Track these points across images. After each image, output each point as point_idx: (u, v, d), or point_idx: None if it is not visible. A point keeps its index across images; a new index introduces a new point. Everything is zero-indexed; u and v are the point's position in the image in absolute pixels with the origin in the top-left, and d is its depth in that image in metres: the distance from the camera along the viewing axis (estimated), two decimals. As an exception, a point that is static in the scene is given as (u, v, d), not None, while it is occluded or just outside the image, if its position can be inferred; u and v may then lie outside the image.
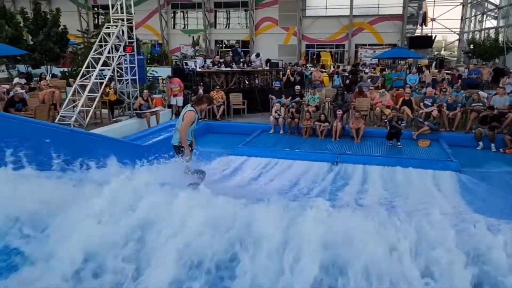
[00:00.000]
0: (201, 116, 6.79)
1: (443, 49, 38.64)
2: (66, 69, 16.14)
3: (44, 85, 11.69)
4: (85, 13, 35.83)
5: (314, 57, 32.49)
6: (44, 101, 10.83)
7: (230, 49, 16.51)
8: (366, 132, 11.90)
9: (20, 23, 16.91)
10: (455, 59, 31.00)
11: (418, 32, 31.14)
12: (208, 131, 13.00)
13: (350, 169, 9.18)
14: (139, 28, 36.09)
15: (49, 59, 17.08)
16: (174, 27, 36.30)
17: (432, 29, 31.68)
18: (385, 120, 11.41)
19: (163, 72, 18.20)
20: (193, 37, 30.79)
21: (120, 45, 11.62)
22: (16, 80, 14.65)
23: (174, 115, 13.26)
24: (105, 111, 12.00)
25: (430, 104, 12.25)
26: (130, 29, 12.04)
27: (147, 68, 17.03)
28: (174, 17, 36.35)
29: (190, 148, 6.09)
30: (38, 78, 13.89)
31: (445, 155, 9.90)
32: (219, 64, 14.72)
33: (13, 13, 17.59)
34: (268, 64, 15.58)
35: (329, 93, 14.80)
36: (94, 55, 11.14)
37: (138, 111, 11.61)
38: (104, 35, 11.40)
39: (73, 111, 10.12)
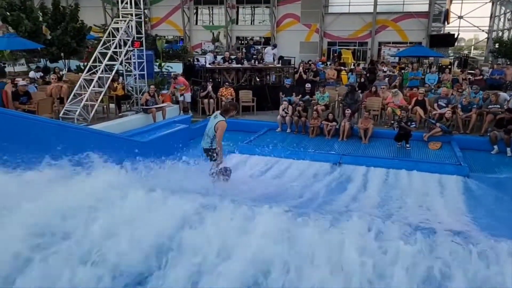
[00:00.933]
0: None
1: (472, 48, 37.31)
2: (83, 64, 16.36)
3: (53, 79, 11.82)
4: (110, 8, 36.31)
5: (336, 54, 31.90)
6: (52, 95, 10.95)
7: (244, 46, 16.27)
8: (376, 133, 11.55)
9: (39, 17, 17.26)
10: (483, 58, 29.79)
11: (445, 30, 30.08)
12: (216, 128, 12.92)
13: (352, 171, 8.91)
14: (162, 23, 36.56)
15: (66, 53, 17.37)
16: (196, 23, 36.32)
17: (459, 27, 30.53)
18: (392, 121, 11.02)
19: (179, 68, 18.18)
20: (213, 33, 30.74)
21: (128, 40, 11.61)
22: (31, 74, 14.94)
23: (181, 111, 13.23)
24: (112, 106, 12.05)
25: (444, 105, 11.75)
26: (139, 24, 12.00)
27: (162, 64, 17.06)
28: (196, 13, 36.39)
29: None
30: (52, 72, 14.09)
31: (454, 159, 9.47)
32: (229, 61, 14.58)
33: (33, 7, 17.96)
34: (280, 61, 15.33)
35: (342, 91, 14.42)
36: (101, 49, 11.18)
37: (144, 107, 11.61)
38: (113, 30, 11.42)
39: (78, 106, 10.17)
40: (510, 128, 10.13)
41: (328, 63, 26.32)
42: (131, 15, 11.72)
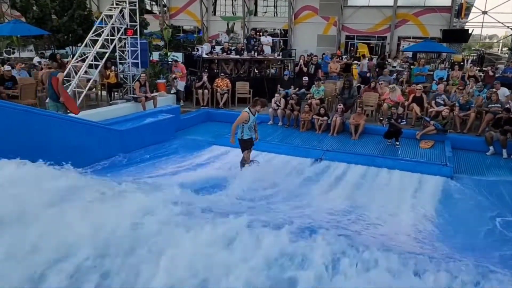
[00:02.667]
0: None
1: (500, 44, 35.83)
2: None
3: (45, 65, 11.98)
4: None
5: (353, 48, 31.23)
6: (42, 81, 11.08)
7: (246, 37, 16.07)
8: (369, 129, 11.22)
9: (47, 4, 17.51)
10: (506, 55, 28.52)
11: (467, 26, 28.94)
12: (208, 119, 12.85)
13: (331, 167, 8.63)
14: (180, 13, 36.64)
15: (73, 40, 17.59)
16: (214, 14, 36.27)
17: (483, 22, 29.33)
18: (381, 118, 10.64)
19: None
20: (227, 24, 30.56)
21: (121, 27, 11.60)
22: (36, 59, 15.20)
23: (178, 101, 13.23)
24: (104, 93, 12.11)
25: (442, 102, 11.26)
26: (134, 12, 11.96)
27: (168, 53, 17.06)
28: (215, 3, 36.30)
29: (251, 141, 7.72)
30: (48, 58, 14.30)
31: (441, 159, 9.05)
32: (228, 52, 14.40)
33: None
34: (281, 53, 15.04)
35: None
36: (92, 36, 11.21)
37: (134, 95, 11.60)
38: (105, 17, 11.43)
39: (65, 92, 10.22)
40: (507, 129, 9.62)
41: (344, 56, 25.81)
42: (125, 2, 11.67)
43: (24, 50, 17.48)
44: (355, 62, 20.89)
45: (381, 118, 10.86)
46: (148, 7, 38.51)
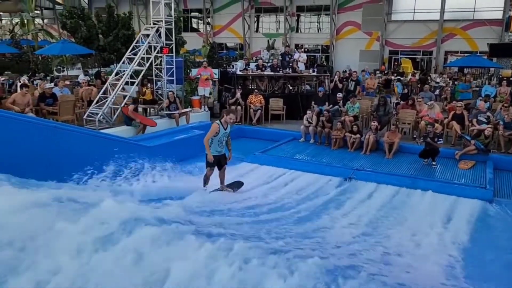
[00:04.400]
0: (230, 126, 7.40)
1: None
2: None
3: (83, 82, 12.53)
4: (144, 17, 37.74)
5: (397, 63, 30.43)
6: (82, 98, 11.59)
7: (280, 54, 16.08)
8: (404, 148, 10.75)
9: (94, 25, 18.45)
10: None
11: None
12: (241, 136, 12.82)
13: (359, 187, 8.30)
14: (224, 31, 37.42)
15: (116, 58, 18.37)
16: (257, 31, 36.76)
17: (539, 35, 27.71)
18: (414, 136, 10.17)
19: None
20: (268, 40, 30.81)
21: (157, 46, 11.95)
22: (80, 77, 15.95)
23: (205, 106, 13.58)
24: (140, 110, 12.44)
25: (484, 120, 10.63)
26: (170, 31, 12.30)
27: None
28: (257, 21, 36.82)
29: (218, 158, 7.32)
30: (94, 76, 14.97)
31: (479, 180, 8.47)
32: (263, 68, 14.43)
33: (89, 15, 19.26)
34: (315, 69, 14.89)
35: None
36: (129, 55, 11.62)
37: (167, 112, 11.86)
38: (142, 36, 11.84)
39: (101, 109, 10.63)
40: (556, 150, 8.89)
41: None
42: (161, 21, 12.04)
43: (73, 68, 18.40)
44: (398, 77, 20.31)
45: (414, 136, 10.38)
46: (194, 25, 39.84)
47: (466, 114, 11.10)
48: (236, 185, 8.00)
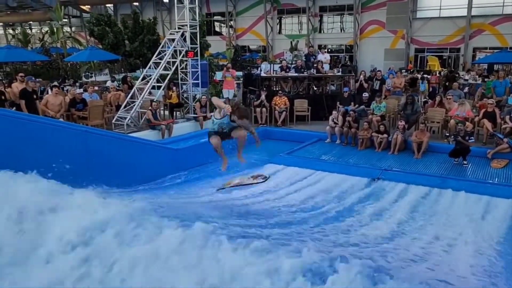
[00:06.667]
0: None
1: None
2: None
3: (111, 87, 12.80)
4: (168, 22, 38.13)
5: (425, 62, 29.81)
6: (110, 103, 11.85)
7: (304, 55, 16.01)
8: (434, 147, 10.52)
9: (121, 31, 18.84)
10: None
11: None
12: (266, 137, 12.80)
13: (388, 188, 8.19)
14: (246, 34, 37.56)
15: (142, 63, 18.70)
16: (280, 32, 36.75)
17: None
18: (447, 135, 9.93)
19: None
20: (291, 42, 30.74)
21: (182, 50, 12.09)
22: (108, 83, 16.31)
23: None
24: (167, 113, 12.63)
25: (518, 118, 10.29)
26: (195, 35, 12.43)
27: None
28: (280, 22, 36.80)
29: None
30: (121, 81, 15.27)
31: (514, 180, 8.21)
32: (287, 70, 14.40)
33: (115, 21, 19.68)
34: (340, 70, 14.75)
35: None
36: (155, 59, 11.80)
37: (194, 115, 11.98)
38: (167, 41, 12.00)
39: (129, 113, 10.84)
40: None
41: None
42: (187, 26, 12.18)
43: (101, 74, 18.83)
44: (425, 75, 19.88)
45: (447, 134, 10.14)
46: (217, 29, 40.17)
47: (498, 111, 10.78)
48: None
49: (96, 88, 13.40)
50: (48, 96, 10.19)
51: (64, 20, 29.74)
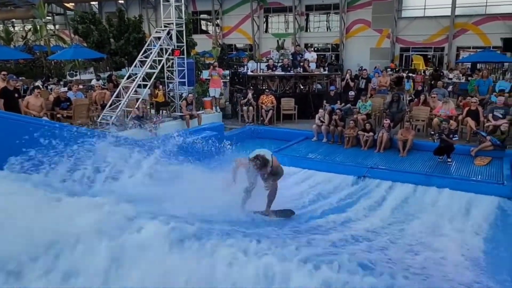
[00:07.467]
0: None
1: None
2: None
3: (97, 86, 12.67)
4: (154, 20, 37.88)
5: (410, 61, 30.15)
6: (96, 102, 11.72)
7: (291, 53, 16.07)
8: (419, 145, 10.64)
9: (106, 29, 18.64)
10: None
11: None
12: (254, 136, 12.83)
13: (373, 186, 8.25)
14: (233, 32, 37.47)
15: (128, 61, 18.54)
16: (266, 31, 36.76)
17: (553, 29, 27.25)
18: (432, 133, 10.07)
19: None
20: (277, 41, 30.80)
21: (169, 48, 12.01)
22: (93, 81, 16.13)
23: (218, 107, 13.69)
24: (153, 111, 12.53)
25: (501, 116, 10.47)
26: (181, 33, 12.36)
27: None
28: (266, 21, 36.81)
29: None
30: (106, 80, 15.11)
31: (496, 177, 8.35)
32: (273, 68, 14.42)
33: (100, 19, 19.46)
34: (327, 68, 14.83)
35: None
36: (141, 58, 11.70)
37: (180, 113, 11.92)
38: (153, 39, 11.91)
39: (114, 112, 10.73)
40: None
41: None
42: (173, 24, 12.10)
43: (85, 72, 18.62)
44: (410, 74, 20.11)
45: (432, 133, 10.28)
46: (204, 27, 40.00)
47: (481, 110, 10.96)
48: (284, 214, 6.76)
49: (81, 86, 13.24)
50: (29, 98, 9.96)
51: (47, 17, 29.40)
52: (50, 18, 36.27)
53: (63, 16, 41.73)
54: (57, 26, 41.23)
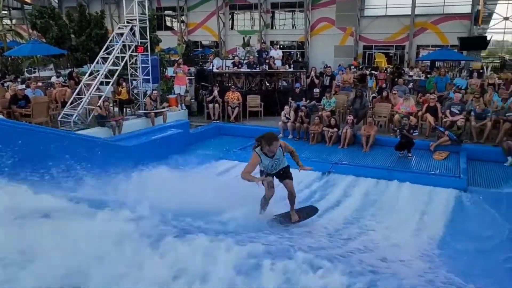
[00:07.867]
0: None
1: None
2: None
3: (57, 83, 12.28)
4: (117, 16, 37.18)
5: (372, 59, 30.90)
6: (56, 99, 11.35)
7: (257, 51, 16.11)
8: (381, 141, 10.94)
9: (66, 24, 18.05)
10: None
11: (488, 32, 28.29)
12: (220, 133, 12.81)
13: (338, 181, 8.41)
14: (198, 29, 37.14)
15: (90, 58, 18.03)
16: (232, 28, 36.67)
17: (505, 29, 28.59)
18: (394, 128, 10.38)
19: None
20: (243, 38, 30.77)
21: (132, 45, 11.79)
22: (53, 78, 15.60)
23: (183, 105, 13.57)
24: (116, 109, 12.28)
25: (457, 112, 10.91)
26: (144, 29, 12.15)
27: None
28: (232, 18, 36.72)
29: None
30: (67, 77, 14.67)
31: (453, 170, 8.72)
32: (239, 65, 14.43)
33: (60, 14, 18.83)
34: (292, 65, 14.97)
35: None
36: (103, 54, 11.43)
37: (145, 111, 11.73)
38: (116, 35, 11.65)
39: (76, 110, 10.43)
40: (525, 138, 9.22)
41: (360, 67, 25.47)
42: (136, 20, 11.88)
43: (45, 69, 17.99)
44: (373, 72, 20.62)
45: (395, 129, 10.60)
46: (169, 24, 39.41)
47: (439, 106, 11.38)
48: (307, 212, 6.36)
49: (39, 84, 12.82)
50: (-19, 97, 9.60)
51: (3, 12, 28.14)
52: (6, 12, 34.67)
53: (21, 10, 40.04)
54: (14, 21, 39.51)
